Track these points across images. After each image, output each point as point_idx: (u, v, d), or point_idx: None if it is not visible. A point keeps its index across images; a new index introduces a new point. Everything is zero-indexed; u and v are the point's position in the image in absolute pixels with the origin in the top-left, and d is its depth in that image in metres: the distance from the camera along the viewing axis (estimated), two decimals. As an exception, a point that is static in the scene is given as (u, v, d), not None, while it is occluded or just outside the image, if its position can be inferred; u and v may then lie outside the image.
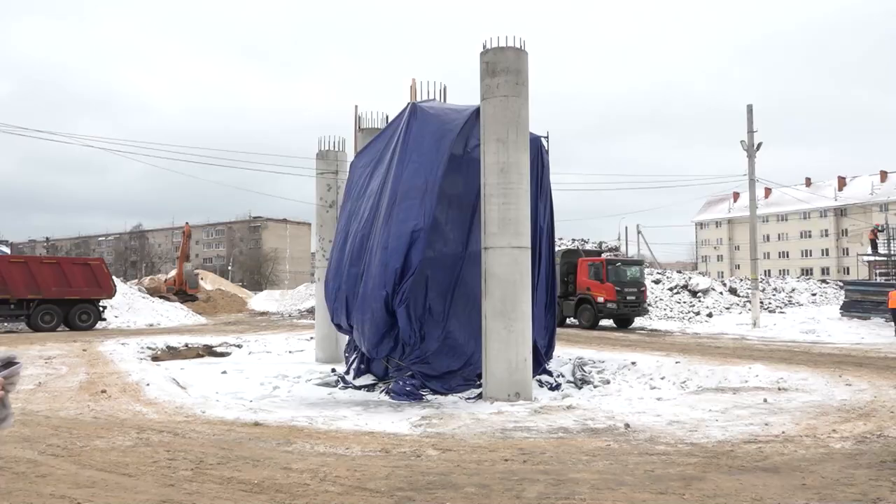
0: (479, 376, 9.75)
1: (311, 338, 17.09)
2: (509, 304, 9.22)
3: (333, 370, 11.99)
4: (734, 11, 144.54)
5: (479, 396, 9.45)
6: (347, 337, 12.09)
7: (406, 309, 9.85)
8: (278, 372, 11.95)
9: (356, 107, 14.37)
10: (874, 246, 41.56)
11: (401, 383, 9.87)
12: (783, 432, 7.17)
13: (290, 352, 16.34)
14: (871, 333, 22.74)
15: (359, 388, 10.47)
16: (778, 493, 4.97)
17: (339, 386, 10.69)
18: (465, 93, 12.35)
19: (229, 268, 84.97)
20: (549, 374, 11.35)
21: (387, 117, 13.62)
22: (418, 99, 11.72)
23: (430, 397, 9.66)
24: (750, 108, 26.79)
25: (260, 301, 47.60)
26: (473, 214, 10.45)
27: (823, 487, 5.13)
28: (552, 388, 10.57)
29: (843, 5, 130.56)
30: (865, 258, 47.90)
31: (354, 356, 11.49)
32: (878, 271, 43.33)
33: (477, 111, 10.10)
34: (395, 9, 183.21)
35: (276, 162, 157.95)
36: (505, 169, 9.34)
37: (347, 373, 11.34)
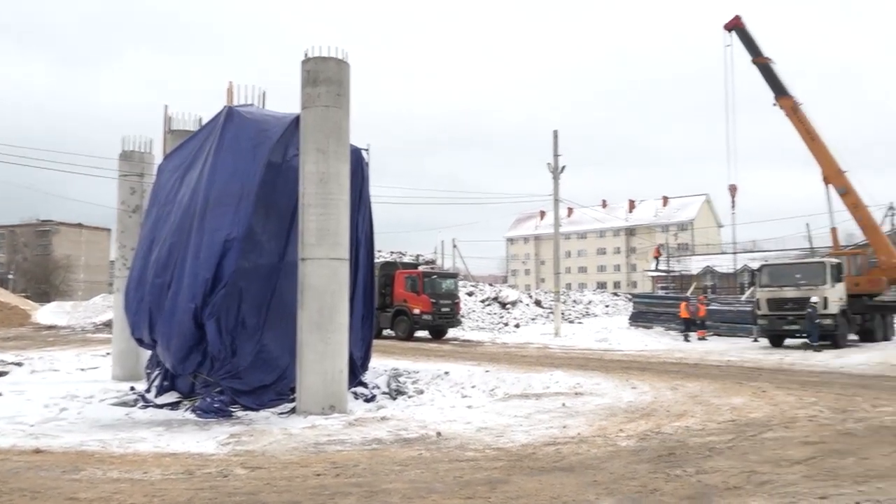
0: (294, 390, 9.53)
1: (108, 353, 15.68)
2: (326, 316, 9.13)
3: (132, 388, 11.09)
4: (545, 42, 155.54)
5: (293, 411, 9.23)
6: (150, 352, 11.24)
7: (216, 322, 9.38)
8: (67, 392, 10.81)
9: (166, 107, 13.51)
10: (657, 263, 46.51)
11: (209, 400, 9.37)
12: (579, 434, 7.78)
13: (82, 369, 14.84)
14: (653, 341, 25.39)
15: (161, 406, 9.78)
16: (573, 491, 5.38)
17: (139, 405, 9.90)
18: (284, 100, 12.11)
19: (10, 276, 75.68)
20: (365, 385, 11.37)
21: (200, 120, 12.94)
22: (235, 103, 11.28)
23: (240, 414, 9.26)
24: (556, 134, 28.91)
25: (47, 313, 42.70)
26: (291, 224, 10.21)
27: (611, 482, 5.64)
28: (367, 400, 10.59)
29: (638, 44, 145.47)
30: (650, 273, 53.51)
31: (157, 372, 10.72)
32: (659, 285, 48.50)
33: (297, 119, 9.93)
34: (209, 12, 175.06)
35: (72, 161, 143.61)
36: (325, 179, 9.26)
37: (149, 391, 10.54)
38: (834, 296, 21.21)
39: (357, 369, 11.20)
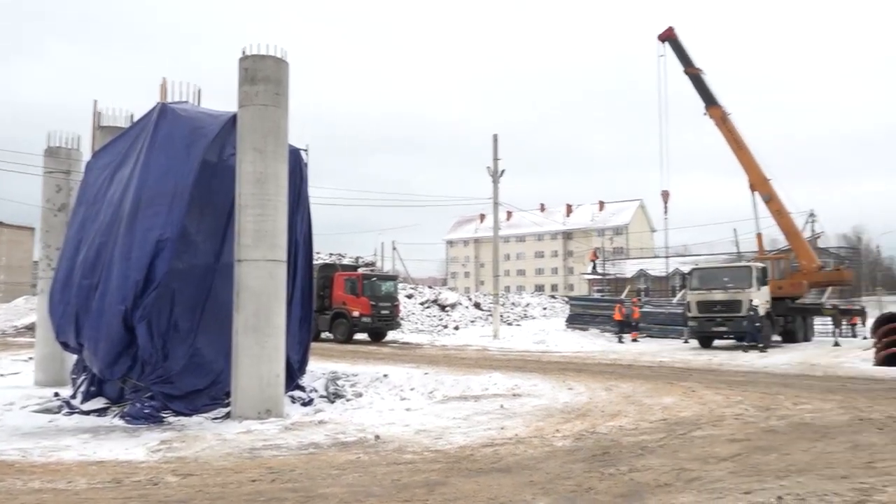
0: (228, 394, 9.32)
1: (30, 358, 15.00)
2: (263, 319, 8.97)
3: (57, 394, 10.63)
4: (484, 45, 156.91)
5: (228, 416, 9.03)
6: (76, 357, 10.80)
7: (147, 325, 9.09)
8: (-15, 399, 10.28)
9: (95, 102, 13.05)
10: (594, 266, 47.49)
11: (138, 406, 9.07)
12: (516, 434, 7.87)
13: (1, 375, 14.14)
14: (589, 343, 25.93)
15: (88, 413, 9.40)
16: (510, 491, 5.44)
17: (64, 412, 9.50)
18: (220, 98, 11.85)
19: (-79, 277, 71.36)
20: (303, 389, 11.21)
21: (132, 116, 12.54)
22: (169, 100, 10.96)
23: (172, 419, 8.99)
24: (495, 138, 29.21)
25: (-38, 316, 40.53)
26: (227, 225, 9.98)
27: (547, 482, 5.73)
28: (305, 404, 10.45)
29: (575, 50, 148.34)
30: (586, 277, 54.60)
31: (83, 378, 10.30)
32: (595, 288, 49.54)
33: (234, 118, 9.72)
34: (141, 5, 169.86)
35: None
36: (262, 179, 9.10)
37: (74, 396, 10.12)
38: (759, 299, 22.12)
39: (294, 373, 11.04)
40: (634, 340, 26.39)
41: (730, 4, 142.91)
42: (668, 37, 28.03)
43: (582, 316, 31.27)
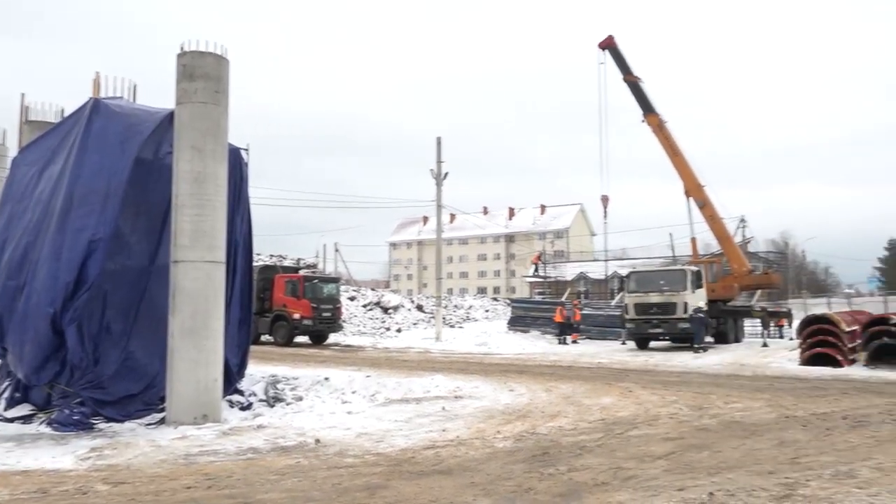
0: (164, 399, 9.05)
1: (-51, 363, 14.23)
2: (200, 322, 8.75)
3: (-22, 401, 10.13)
4: (427, 48, 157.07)
5: (162, 421, 8.77)
6: (-1, 361, 10.32)
7: (77, 328, 8.75)
8: None
9: (23, 95, 12.50)
10: (536, 269, 48.11)
11: (67, 412, 8.71)
12: (457, 436, 7.90)
13: (-84, 381, 13.38)
14: (531, 344, 26.26)
15: (11, 420, 8.98)
16: (451, 493, 5.46)
17: (-15, 419, 9.06)
18: (156, 95, 11.53)
19: None
20: (241, 393, 10.99)
21: (62, 111, 12.07)
22: (103, 95, 10.59)
23: (103, 426, 8.67)
24: (439, 141, 29.28)
25: None
26: (163, 225, 9.71)
27: (488, 483, 5.77)
28: (243, 408, 10.25)
29: (518, 56, 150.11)
30: (528, 279, 55.28)
31: (7, 383, 9.84)
32: (537, 291, 50.21)
33: (171, 115, 9.47)
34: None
35: None
36: (200, 179, 8.89)
37: (-3, 403, 9.66)
38: (694, 301, 22.82)
39: (233, 376, 10.81)
40: (575, 342, 26.86)
41: (676, 17, 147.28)
42: (608, 45, 28.68)
43: (523, 318, 31.63)
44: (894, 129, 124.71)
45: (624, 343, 25.91)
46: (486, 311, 40.59)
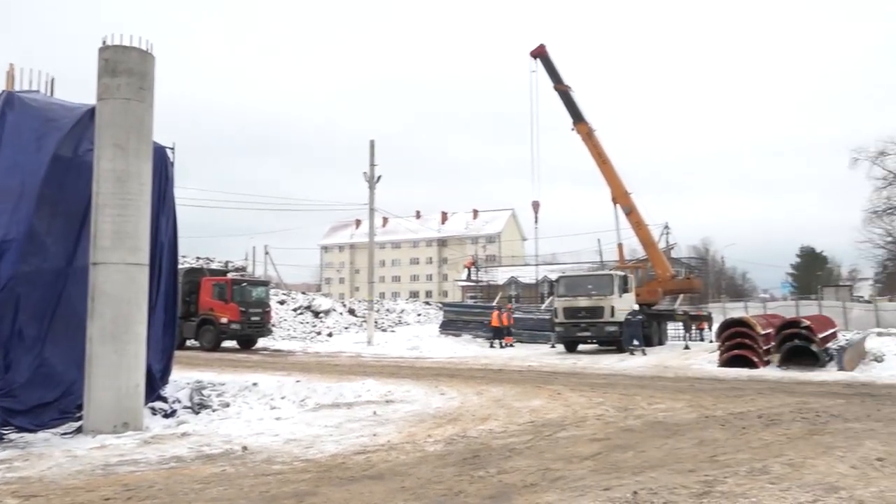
0: (81, 407, 8.66)
1: None
2: (122, 326, 8.42)
3: None
4: (357, 50, 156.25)
5: (80, 430, 8.38)
6: None
7: (-14, 333, 8.28)
8: None
9: (-73, 85, 11.72)
10: (469, 273, 48.46)
11: (-26, 422, 8.22)
12: (388, 441, 7.87)
13: None
14: (462, 348, 26.43)
15: (-88, 431, 8.42)
16: (382, 498, 5.43)
17: None
18: (77, 90, 11.04)
19: None
20: (165, 400, 10.63)
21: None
22: (17, 89, 10.07)
23: (13, 436, 8.23)
24: (372, 144, 29.18)
25: None
26: (82, 226, 9.29)
27: (418, 487, 5.77)
28: (167, 416, 9.92)
29: (451, 61, 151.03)
30: (460, 283, 55.62)
31: None
32: (468, 295, 50.56)
33: (93, 111, 9.09)
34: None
35: None
36: (123, 178, 8.57)
37: None
38: (620, 305, 23.46)
39: (156, 383, 10.44)
40: (510, 345, 27.26)
41: (604, 29, 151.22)
42: (540, 54, 29.22)
43: (455, 322, 31.81)
44: (804, 141, 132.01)
45: (553, 346, 26.39)
46: (419, 315, 40.58)
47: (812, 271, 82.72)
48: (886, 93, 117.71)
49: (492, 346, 27.01)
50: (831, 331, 20.77)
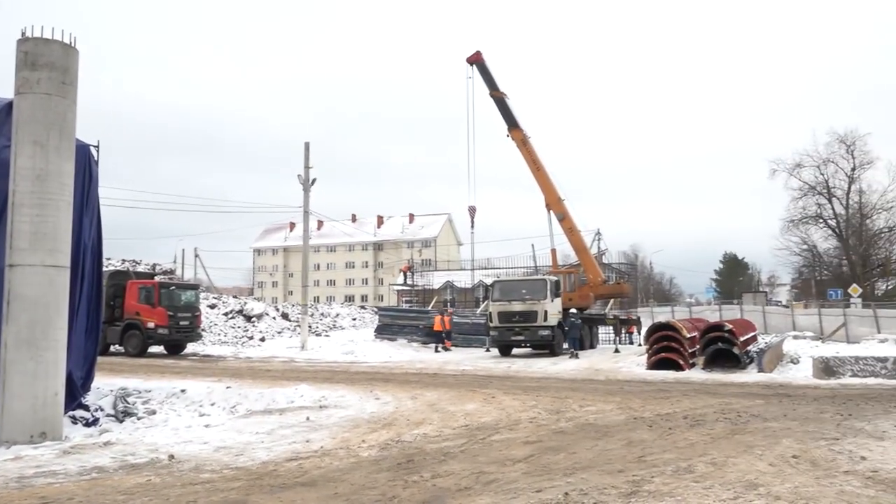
0: (-6, 417, 8.22)
1: None
2: (40, 331, 8.04)
3: None
4: (290, 52, 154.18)
5: (-8, 441, 7.96)
6: None
7: None
8: None
9: None
10: (406, 277, 48.39)
11: None
12: (322, 447, 7.77)
13: None
14: (397, 352, 26.33)
15: None
16: (314, 505, 5.36)
17: None
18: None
19: None
20: (87, 408, 10.21)
21: None
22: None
23: (-82, 448, 7.75)
24: (307, 146, 28.81)
25: None
26: (-1, 225, 8.85)
27: (352, 493, 5.72)
28: (88, 424, 9.53)
29: (387, 65, 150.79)
30: (396, 287, 55.45)
31: None
32: (404, 299, 50.50)
33: (9, 106, 8.67)
34: None
35: None
36: (43, 176, 8.19)
37: None
38: (553, 309, 23.87)
39: (77, 390, 10.02)
40: (448, 349, 27.49)
41: (539, 37, 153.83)
42: (476, 60, 29.49)
43: (390, 326, 31.66)
44: (728, 151, 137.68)
45: (488, 350, 26.61)
46: (354, 319, 40.22)
47: (734, 277, 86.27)
48: (802, 107, 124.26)
49: (436, 351, 27.21)
50: (752, 334, 21.66)
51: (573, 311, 23.80)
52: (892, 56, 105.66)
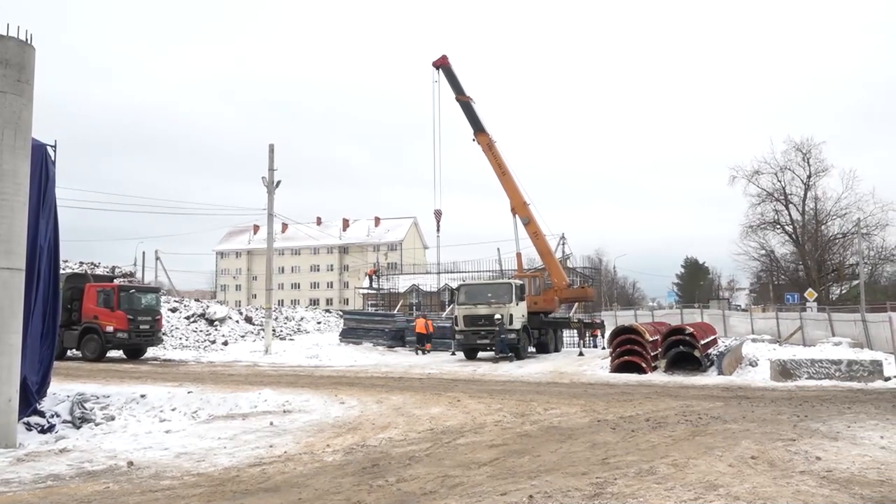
0: (-57, 424, 7.95)
1: None
2: (-8, 336, 7.81)
3: None
4: (254, 53, 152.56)
5: (-59, 449, 7.70)
6: None
7: None
8: None
9: None
10: (372, 281, 48.19)
11: None
12: (285, 452, 7.69)
13: None
14: (363, 356, 26.20)
15: None
16: (277, 511, 5.29)
17: None
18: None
19: None
20: (42, 414, 9.94)
21: None
22: None
23: None
24: (272, 148, 28.51)
25: None
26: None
27: (316, 499, 5.67)
28: (44, 431, 9.28)
29: (356, 68, 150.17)
30: (361, 291, 55.19)
31: None
32: (370, 303, 50.29)
33: (-38, 103, 8.41)
34: None
35: None
36: (-3, 176, 7.96)
37: None
38: (518, 313, 24.00)
39: (32, 396, 9.75)
40: (427, 351, 27.71)
41: (507, 44, 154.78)
42: (442, 64, 29.55)
43: (356, 330, 31.49)
44: (690, 158, 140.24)
45: (454, 354, 26.64)
46: (319, 322, 39.89)
47: (695, 281, 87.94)
48: (762, 114, 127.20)
49: (417, 353, 27.43)
50: (712, 337, 22.07)
51: (497, 316, 23.73)
52: (848, 68, 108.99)
